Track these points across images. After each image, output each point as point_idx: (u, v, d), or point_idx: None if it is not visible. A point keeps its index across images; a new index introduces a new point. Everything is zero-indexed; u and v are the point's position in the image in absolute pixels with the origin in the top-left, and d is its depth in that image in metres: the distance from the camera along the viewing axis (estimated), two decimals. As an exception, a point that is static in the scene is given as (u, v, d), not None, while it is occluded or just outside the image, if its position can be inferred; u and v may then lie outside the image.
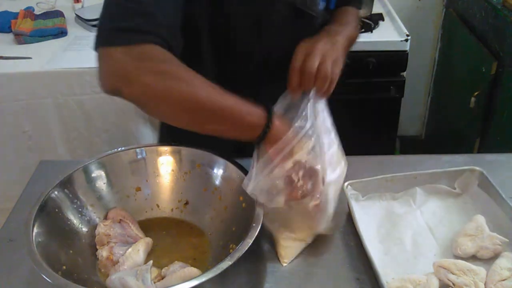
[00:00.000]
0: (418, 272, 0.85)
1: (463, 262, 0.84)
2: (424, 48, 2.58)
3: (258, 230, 0.81)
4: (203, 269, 0.83)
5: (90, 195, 0.94)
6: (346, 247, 0.92)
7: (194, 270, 0.82)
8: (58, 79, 1.68)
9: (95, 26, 2.09)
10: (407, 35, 2.00)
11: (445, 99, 2.49)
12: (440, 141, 2.55)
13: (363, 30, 2.06)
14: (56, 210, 0.88)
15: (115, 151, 0.99)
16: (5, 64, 1.71)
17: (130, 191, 0.99)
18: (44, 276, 0.72)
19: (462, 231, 0.92)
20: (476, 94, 1.97)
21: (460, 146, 2.24)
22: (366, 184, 1.01)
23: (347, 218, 0.98)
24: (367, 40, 2.00)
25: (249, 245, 0.77)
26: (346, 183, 0.97)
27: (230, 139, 0.82)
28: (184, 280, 0.73)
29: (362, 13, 2.12)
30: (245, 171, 0.92)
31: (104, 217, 0.94)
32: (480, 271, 0.83)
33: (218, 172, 0.98)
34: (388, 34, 2.06)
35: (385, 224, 0.97)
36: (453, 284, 0.81)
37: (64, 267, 0.80)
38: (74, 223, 0.90)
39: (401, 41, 1.99)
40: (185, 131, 0.81)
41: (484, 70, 1.91)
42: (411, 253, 0.91)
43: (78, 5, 2.11)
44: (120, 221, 0.92)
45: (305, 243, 0.92)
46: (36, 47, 1.83)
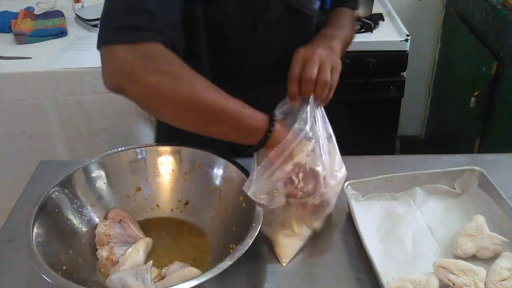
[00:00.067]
0: (418, 272, 0.85)
1: (463, 262, 0.84)
2: (424, 48, 2.58)
3: (258, 230, 0.81)
4: (203, 269, 0.83)
5: (90, 195, 0.95)
6: (346, 247, 0.92)
7: (194, 270, 0.82)
8: (58, 79, 1.67)
9: (95, 26, 2.07)
10: (407, 35, 2.00)
11: (445, 99, 2.49)
12: (440, 141, 2.55)
13: (363, 30, 2.06)
14: (56, 210, 0.88)
15: (115, 151, 0.99)
16: (5, 64, 1.71)
17: (130, 191, 0.99)
18: (44, 276, 0.72)
19: (462, 231, 0.92)
20: (476, 94, 1.97)
21: (460, 146, 2.24)
22: (366, 184, 1.01)
23: (347, 218, 0.99)
24: (367, 40, 2.00)
25: (249, 245, 0.77)
26: (346, 183, 0.97)
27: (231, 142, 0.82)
28: (184, 280, 0.73)
29: (362, 13, 2.12)
30: (245, 171, 0.92)
31: (104, 217, 0.94)
32: (480, 271, 0.83)
33: (218, 172, 0.98)
34: (388, 34, 2.06)
35: (385, 224, 0.97)
36: (453, 284, 0.81)
37: (64, 267, 0.80)
38: (74, 223, 0.90)
39: (401, 41, 1.99)
40: (185, 131, 0.81)
41: (484, 70, 1.91)
42: (411, 253, 0.91)
43: (78, 5, 2.11)
44: (120, 221, 0.92)
45: (302, 241, 0.92)
46: (36, 47, 1.83)
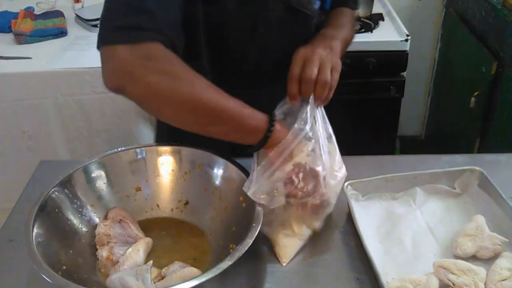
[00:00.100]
0: (418, 272, 0.85)
1: (463, 262, 0.84)
2: (424, 48, 2.58)
3: (258, 230, 0.81)
4: (203, 269, 0.83)
5: (90, 195, 0.95)
6: (346, 247, 0.92)
7: (194, 270, 0.82)
8: (58, 79, 1.67)
9: (95, 26, 2.07)
10: (407, 35, 2.00)
11: (445, 99, 2.49)
12: (440, 141, 2.55)
13: (363, 30, 2.05)
14: (56, 210, 0.88)
15: (115, 151, 0.99)
16: (5, 64, 1.71)
17: (130, 191, 0.99)
18: (44, 276, 0.72)
19: (462, 231, 0.92)
20: (476, 94, 1.97)
21: (460, 146, 2.24)
22: (366, 184, 1.01)
23: (347, 218, 0.98)
24: (367, 40, 2.00)
25: (249, 245, 0.77)
26: (346, 183, 0.97)
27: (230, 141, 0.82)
28: (184, 280, 0.73)
29: (362, 13, 2.12)
30: (245, 171, 0.92)
31: (104, 217, 0.94)
32: (480, 271, 0.83)
33: (218, 172, 0.98)
34: (388, 34, 2.06)
35: (385, 224, 0.97)
36: (453, 284, 0.81)
37: (64, 267, 0.80)
38: (74, 223, 0.90)
39: (401, 41, 1.99)
40: (185, 131, 0.81)
41: (484, 70, 1.91)
42: (411, 253, 0.91)
43: (78, 5, 2.11)
44: (120, 221, 0.92)
45: (302, 241, 0.92)
46: (36, 47, 1.83)
